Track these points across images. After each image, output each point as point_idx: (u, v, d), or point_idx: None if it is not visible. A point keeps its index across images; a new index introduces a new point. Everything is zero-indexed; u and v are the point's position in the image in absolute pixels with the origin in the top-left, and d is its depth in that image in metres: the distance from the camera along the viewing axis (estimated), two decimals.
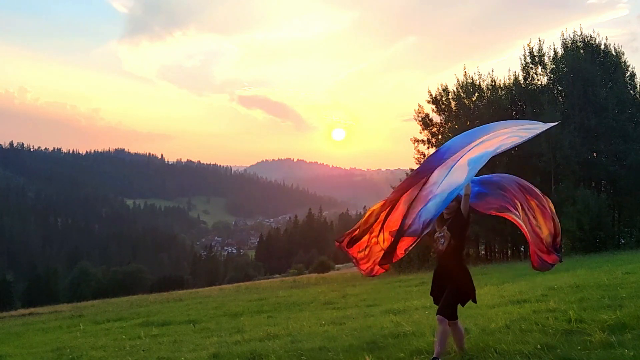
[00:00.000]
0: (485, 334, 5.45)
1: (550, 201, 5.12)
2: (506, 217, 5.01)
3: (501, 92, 33.18)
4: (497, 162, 31.44)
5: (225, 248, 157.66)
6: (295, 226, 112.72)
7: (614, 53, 32.23)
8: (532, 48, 32.86)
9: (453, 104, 33.82)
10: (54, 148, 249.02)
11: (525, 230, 4.83)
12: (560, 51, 32.19)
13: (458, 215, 4.71)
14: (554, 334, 5.17)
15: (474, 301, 4.75)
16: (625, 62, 32.43)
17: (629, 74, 32.31)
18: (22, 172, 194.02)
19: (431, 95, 34.52)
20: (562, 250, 4.78)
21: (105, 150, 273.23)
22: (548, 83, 32.78)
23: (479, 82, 33.39)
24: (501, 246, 34.49)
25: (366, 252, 4.69)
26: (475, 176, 4.71)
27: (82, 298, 39.12)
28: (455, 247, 4.63)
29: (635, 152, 29.46)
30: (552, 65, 32.37)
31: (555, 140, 28.63)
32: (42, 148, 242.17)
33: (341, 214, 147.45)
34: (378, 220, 4.64)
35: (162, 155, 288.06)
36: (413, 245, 4.39)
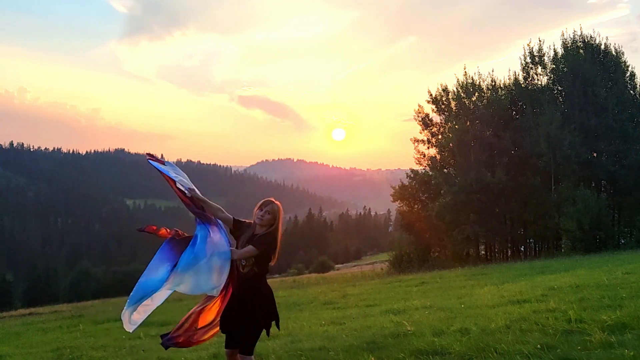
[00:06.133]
0: (485, 334, 5.44)
1: None
2: None
3: (501, 92, 33.21)
4: (497, 163, 31.51)
5: None
6: (295, 226, 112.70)
7: (614, 53, 32.32)
8: (532, 48, 32.94)
9: (453, 104, 33.86)
10: (54, 148, 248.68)
11: None
12: (560, 51, 32.26)
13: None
14: (554, 334, 5.16)
15: (277, 328, 4.09)
16: (625, 62, 32.53)
17: (629, 74, 32.40)
18: (22, 172, 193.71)
19: (431, 95, 34.58)
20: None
21: (105, 150, 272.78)
22: (548, 83, 32.82)
23: (479, 82, 33.41)
24: (501, 246, 34.48)
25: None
26: None
27: (82, 298, 39.07)
28: (258, 273, 3.99)
29: (635, 152, 29.54)
30: (552, 65, 32.42)
31: (555, 140, 28.65)
32: (42, 148, 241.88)
33: (341, 214, 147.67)
34: None
35: (162, 155, 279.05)
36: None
